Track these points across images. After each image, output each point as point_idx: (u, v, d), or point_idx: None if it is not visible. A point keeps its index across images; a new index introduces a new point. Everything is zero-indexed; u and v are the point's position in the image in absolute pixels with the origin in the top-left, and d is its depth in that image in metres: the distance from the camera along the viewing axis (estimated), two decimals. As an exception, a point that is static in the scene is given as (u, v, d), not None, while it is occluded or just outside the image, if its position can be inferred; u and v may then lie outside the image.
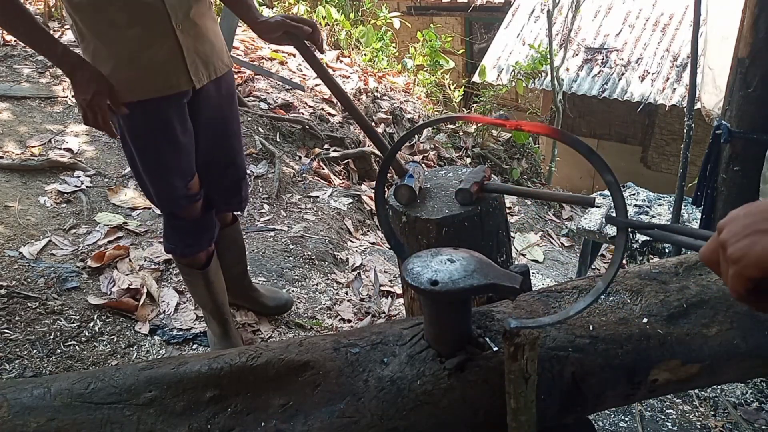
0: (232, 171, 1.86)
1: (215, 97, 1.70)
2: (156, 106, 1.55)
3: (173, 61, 1.52)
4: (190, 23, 1.53)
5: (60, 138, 3.14)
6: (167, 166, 1.64)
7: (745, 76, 2.04)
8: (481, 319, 1.06)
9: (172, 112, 1.58)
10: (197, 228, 1.80)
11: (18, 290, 2.08)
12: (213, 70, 1.64)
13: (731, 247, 0.58)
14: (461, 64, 9.86)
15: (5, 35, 3.92)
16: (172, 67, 1.53)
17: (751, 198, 2.13)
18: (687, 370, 1.05)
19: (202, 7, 1.57)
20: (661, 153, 8.20)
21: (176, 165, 1.65)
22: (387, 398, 0.94)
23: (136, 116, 1.53)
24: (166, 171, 1.65)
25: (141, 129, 1.58)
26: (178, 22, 1.49)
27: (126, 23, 1.44)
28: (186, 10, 1.51)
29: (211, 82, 1.66)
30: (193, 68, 1.56)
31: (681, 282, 1.14)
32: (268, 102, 4.24)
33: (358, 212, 3.49)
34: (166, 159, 1.63)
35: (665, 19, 7.11)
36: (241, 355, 1.00)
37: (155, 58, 1.49)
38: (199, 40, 1.57)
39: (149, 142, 1.60)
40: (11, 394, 0.93)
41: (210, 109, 1.70)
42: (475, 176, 1.45)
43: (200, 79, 1.59)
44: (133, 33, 1.45)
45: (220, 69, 1.66)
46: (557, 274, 3.64)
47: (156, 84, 1.52)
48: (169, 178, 1.66)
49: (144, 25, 1.46)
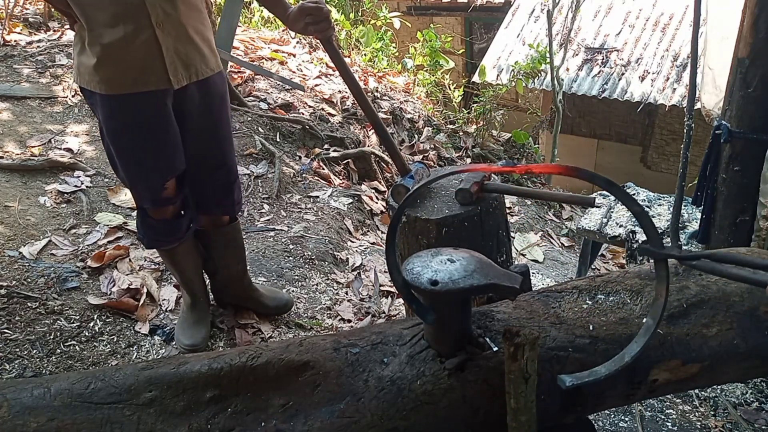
0: (223, 174, 1.87)
1: (202, 99, 1.71)
2: (134, 103, 1.58)
3: (151, 60, 1.55)
4: (173, 24, 1.54)
5: (60, 138, 3.14)
6: (143, 162, 1.68)
7: (745, 76, 2.04)
8: (481, 319, 1.06)
9: (151, 110, 1.61)
10: (166, 228, 1.84)
11: (18, 290, 2.08)
12: (195, 72, 1.64)
13: None
14: (461, 64, 9.86)
15: (5, 35, 3.92)
16: (150, 66, 1.55)
17: (751, 198, 2.13)
18: (687, 370, 1.05)
19: (189, 9, 1.58)
20: (661, 153, 8.20)
21: (152, 163, 1.68)
22: (387, 398, 0.94)
23: (114, 111, 1.58)
24: (141, 167, 1.69)
25: (118, 124, 1.62)
26: (159, 21, 1.51)
27: (108, 22, 1.47)
28: (169, 11, 1.52)
29: (197, 85, 1.67)
30: (172, 68, 1.58)
31: (681, 282, 1.14)
32: (268, 102, 4.24)
33: (358, 212, 3.49)
34: (141, 156, 1.67)
35: (665, 19, 7.11)
36: (241, 355, 1.00)
37: (134, 56, 1.52)
38: (182, 41, 1.58)
39: (125, 138, 1.64)
40: (11, 394, 0.93)
41: (197, 111, 1.72)
42: (475, 176, 1.45)
43: (179, 80, 1.61)
44: (115, 31, 1.48)
45: (203, 72, 1.67)
46: (557, 274, 3.63)
47: (133, 80, 1.55)
48: (144, 175, 1.70)
49: (126, 24, 1.48)
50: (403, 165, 1.53)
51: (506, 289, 0.93)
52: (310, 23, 1.54)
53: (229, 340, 2.16)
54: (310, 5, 1.53)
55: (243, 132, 3.71)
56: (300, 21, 1.56)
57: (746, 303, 1.09)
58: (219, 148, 1.83)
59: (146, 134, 1.63)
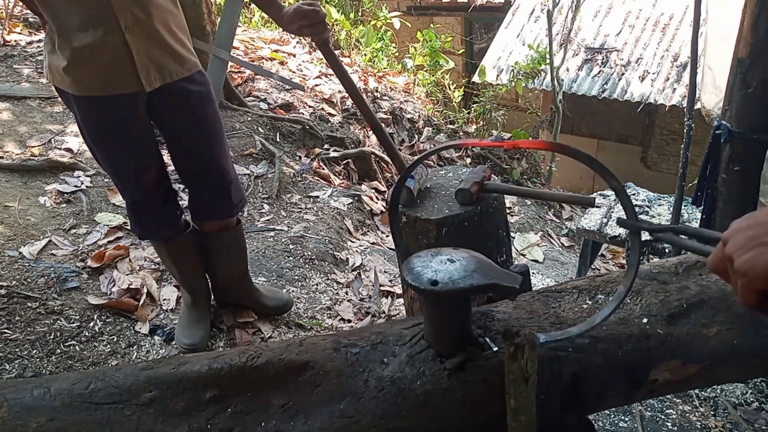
0: (217, 175, 1.86)
1: (180, 100, 1.70)
2: (105, 104, 1.60)
3: (121, 64, 1.55)
4: (144, 28, 1.54)
5: (60, 138, 3.14)
6: (118, 160, 1.73)
7: (745, 76, 2.04)
8: (481, 319, 1.06)
9: (122, 112, 1.63)
10: (155, 218, 1.87)
11: (18, 290, 2.08)
12: (169, 74, 1.64)
13: (738, 260, 0.59)
14: (461, 64, 9.86)
15: (5, 35, 3.92)
16: (120, 69, 1.56)
17: (751, 198, 2.13)
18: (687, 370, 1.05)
19: (162, 12, 1.58)
20: (661, 153, 8.20)
21: (126, 161, 1.72)
22: (387, 398, 0.94)
23: (86, 110, 1.61)
24: (117, 164, 1.74)
25: (92, 123, 1.65)
26: (128, 26, 1.51)
27: (78, 26, 1.48)
28: (139, 15, 1.52)
29: (173, 85, 1.66)
30: (144, 71, 1.58)
31: (681, 282, 1.14)
32: (268, 102, 4.24)
33: (358, 212, 3.49)
34: (116, 154, 1.71)
35: (665, 19, 7.11)
36: (241, 355, 1.00)
37: (103, 60, 1.53)
38: (154, 44, 1.58)
39: (100, 136, 1.68)
40: (11, 394, 0.93)
41: (176, 111, 1.72)
42: (475, 176, 1.45)
43: (151, 83, 1.61)
44: (84, 36, 1.49)
45: (178, 73, 1.66)
46: (557, 274, 3.63)
47: (103, 84, 1.57)
48: (120, 171, 1.76)
49: (95, 29, 1.49)
50: (402, 165, 1.54)
51: (506, 289, 0.93)
52: (306, 25, 1.55)
53: (229, 340, 2.16)
54: (306, 8, 1.53)
55: (243, 132, 3.71)
56: (295, 22, 1.56)
57: (746, 303, 1.09)
58: (208, 149, 1.81)
59: (117, 133, 1.66)
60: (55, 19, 1.48)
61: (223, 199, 1.92)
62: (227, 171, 1.88)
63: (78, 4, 1.45)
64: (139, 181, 1.76)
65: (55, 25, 1.49)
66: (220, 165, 1.85)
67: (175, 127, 1.77)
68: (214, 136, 1.81)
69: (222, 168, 1.86)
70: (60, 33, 1.50)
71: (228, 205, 1.93)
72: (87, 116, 1.63)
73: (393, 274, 2.89)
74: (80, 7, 1.46)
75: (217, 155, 1.84)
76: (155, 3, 1.55)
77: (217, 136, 1.83)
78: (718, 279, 1.13)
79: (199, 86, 1.74)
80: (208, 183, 1.87)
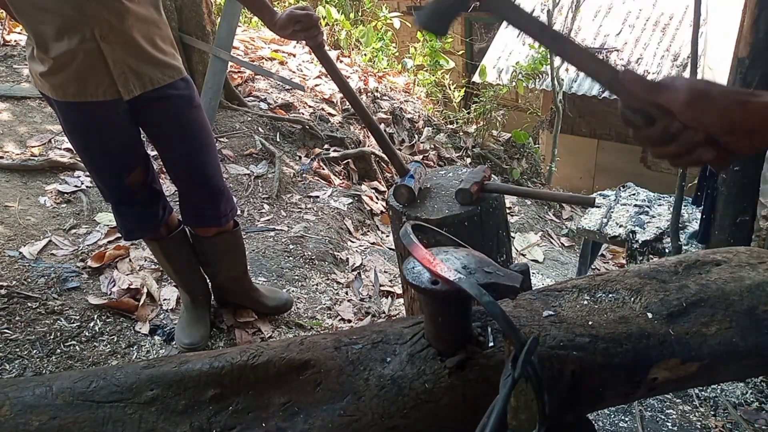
0: (204, 182, 1.84)
1: (164, 106, 1.70)
2: (85, 109, 1.60)
3: (96, 72, 1.55)
4: (120, 36, 1.54)
5: (60, 138, 3.14)
6: (98, 164, 1.74)
7: (745, 76, 2.04)
8: (482, 318, 1.06)
9: (101, 118, 1.63)
10: (139, 218, 1.87)
11: (18, 290, 2.08)
12: (149, 81, 1.64)
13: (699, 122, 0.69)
14: (461, 64, 9.86)
15: (5, 35, 3.92)
16: (96, 77, 1.56)
17: (751, 198, 2.14)
18: (686, 368, 1.05)
19: (140, 20, 1.57)
20: (661, 153, 8.19)
21: (107, 165, 1.74)
22: (388, 397, 0.95)
23: (66, 115, 1.62)
24: (98, 168, 1.75)
25: (71, 128, 1.66)
26: (103, 34, 1.51)
27: (53, 35, 1.49)
28: (114, 23, 1.52)
29: (156, 92, 1.66)
30: (122, 80, 1.58)
31: (680, 281, 1.14)
32: (268, 102, 4.25)
33: (358, 212, 3.49)
34: (96, 158, 1.72)
35: (665, 19, 7.12)
36: (242, 354, 1.00)
37: (79, 68, 1.53)
38: (131, 52, 1.58)
39: (80, 140, 1.69)
40: (13, 392, 0.93)
41: (160, 118, 1.72)
42: (475, 176, 1.45)
43: (130, 90, 1.61)
44: (60, 45, 1.49)
45: (159, 80, 1.66)
46: (557, 274, 3.64)
47: (80, 90, 1.57)
48: (101, 175, 1.77)
49: (70, 38, 1.49)
50: (401, 165, 1.54)
51: (506, 288, 0.93)
52: (299, 30, 1.55)
53: (229, 340, 2.16)
54: (300, 12, 1.54)
55: (243, 132, 3.71)
56: (289, 27, 1.56)
57: (745, 302, 1.09)
58: (193, 156, 1.79)
59: (97, 138, 1.67)
60: (32, 28, 1.49)
61: (211, 207, 1.90)
62: (214, 179, 1.86)
63: (52, 14, 1.45)
64: (121, 183, 1.76)
65: (32, 34, 1.50)
66: (206, 172, 1.83)
67: (159, 134, 1.77)
68: (197, 142, 1.79)
69: (208, 176, 1.84)
70: (37, 42, 1.51)
71: (216, 213, 1.91)
72: (67, 120, 1.64)
73: (393, 274, 2.89)
74: (55, 16, 1.46)
75: (203, 162, 1.81)
76: (133, 12, 1.54)
77: (201, 143, 1.80)
78: (717, 278, 1.13)
79: (183, 92, 1.72)
80: (194, 189, 1.86)
